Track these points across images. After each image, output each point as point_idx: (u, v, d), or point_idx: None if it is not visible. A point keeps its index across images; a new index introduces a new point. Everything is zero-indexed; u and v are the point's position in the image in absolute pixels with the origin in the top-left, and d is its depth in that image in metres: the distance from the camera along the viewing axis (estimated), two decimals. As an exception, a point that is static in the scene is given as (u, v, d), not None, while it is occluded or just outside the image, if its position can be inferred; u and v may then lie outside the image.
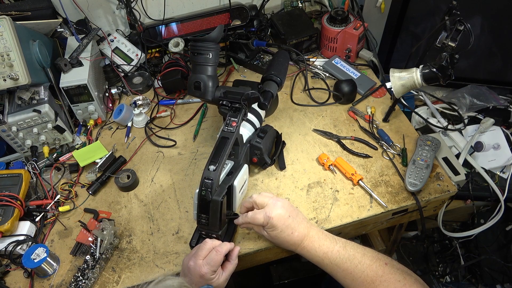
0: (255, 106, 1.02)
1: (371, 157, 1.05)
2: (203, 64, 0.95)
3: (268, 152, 1.01)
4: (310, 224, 0.85)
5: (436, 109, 1.21)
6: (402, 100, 1.17)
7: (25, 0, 1.13)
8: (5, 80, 0.96)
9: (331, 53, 1.32)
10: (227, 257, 0.84)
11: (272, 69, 0.99)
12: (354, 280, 0.77)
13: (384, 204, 0.95)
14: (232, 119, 0.89)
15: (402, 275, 0.76)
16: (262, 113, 1.07)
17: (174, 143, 1.14)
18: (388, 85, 1.20)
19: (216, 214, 0.81)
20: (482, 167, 1.11)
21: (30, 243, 0.94)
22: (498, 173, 1.12)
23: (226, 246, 0.82)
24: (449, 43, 0.90)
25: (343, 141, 1.09)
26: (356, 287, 0.77)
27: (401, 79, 0.99)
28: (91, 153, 1.09)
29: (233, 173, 0.88)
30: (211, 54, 0.94)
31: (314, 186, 1.01)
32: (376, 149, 1.07)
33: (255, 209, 0.85)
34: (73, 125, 1.20)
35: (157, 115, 1.22)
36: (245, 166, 0.92)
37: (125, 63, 1.31)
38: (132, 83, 1.30)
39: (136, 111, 1.20)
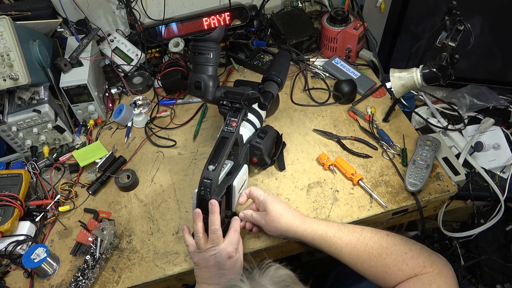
0: (255, 106, 1.02)
1: (371, 157, 1.05)
2: (203, 64, 0.95)
3: (268, 152, 1.01)
4: (306, 215, 0.88)
5: (436, 109, 1.21)
6: (402, 100, 1.17)
7: (25, 0, 1.13)
8: (5, 80, 0.96)
9: (331, 53, 1.32)
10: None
11: (272, 69, 0.99)
12: (360, 255, 0.76)
13: (384, 204, 0.95)
14: (232, 119, 0.89)
15: (408, 246, 0.74)
16: (263, 113, 1.07)
17: (174, 143, 1.14)
18: (388, 85, 1.20)
19: None
20: (482, 167, 1.11)
21: (30, 243, 0.94)
22: (498, 173, 1.12)
23: (237, 221, 0.85)
24: (449, 43, 0.90)
25: (343, 141, 1.09)
26: (363, 263, 0.76)
27: (401, 79, 0.99)
28: (91, 153, 1.09)
29: (232, 173, 0.88)
30: (212, 54, 0.94)
31: (314, 186, 1.01)
32: (376, 149, 1.07)
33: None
34: (73, 125, 1.20)
35: (157, 115, 1.22)
36: (245, 166, 0.92)
37: (125, 63, 1.31)
38: (132, 83, 1.30)
39: (136, 111, 1.20)
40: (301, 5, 1.44)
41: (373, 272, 0.75)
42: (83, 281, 0.88)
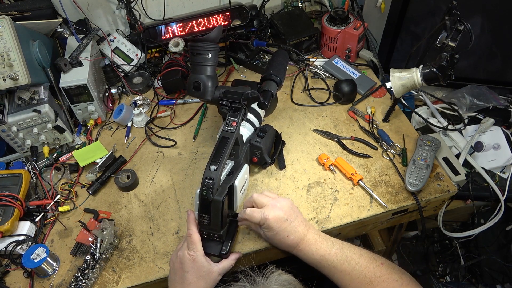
0: (254, 105, 1.02)
1: (371, 157, 1.05)
2: (202, 64, 0.94)
3: (268, 151, 1.01)
4: (309, 227, 0.84)
5: (436, 109, 1.21)
6: (402, 100, 1.17)
7: (25, 0, 1.13)
8: (5, 80, 0.96)
9: (331, 53, 1.32)
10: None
11: (271, 68, 0.99)
12: (352, 281, 0.78)
13: (384, 204, 0.95)
14: (232, 119, 0.89)
15: (399, 275, 0.77)
16: (262, 112, 1.07)
17: (174, 143, 1.14)
18: (388, 85, 1.20)
19: (217, 214, 0.80)
20: (482, 167, 1.11)
21: (30, 243, 0.94)
22: (498, 173, 1.12)
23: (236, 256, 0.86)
24: (449, 43, 0.90)
25: (343, 141, 1.09)
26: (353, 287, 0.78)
27: (401, 79, 0.99)
28: (91, 153, 1.09)
29: (233, 172, 0.88)
30: (210, 54, 0.94)
31: (314, 186, 1.01)
32: (376, 149, 1.07)
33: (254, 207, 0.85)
34: (73, 125, 1.20)
35: (157, 115, 1.22)
36: (246, 166, 0.92)
37: (125, 63, 1.31)
38: (132, 83, 1.30)
39: (136, 111, 1.20)
40: (301, 5, 1.44)
41: None
42: (83, 281, 0.88)
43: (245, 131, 0.99)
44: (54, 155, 1.12)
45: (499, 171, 1.12)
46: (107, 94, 1.26)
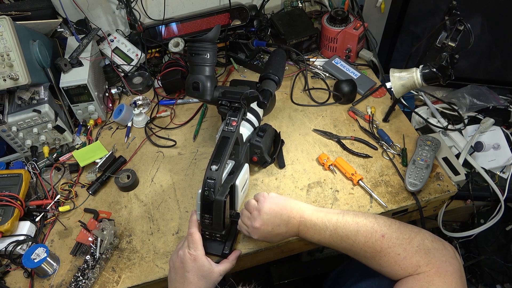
0: (253, 105, 1.02)
1: (371, 157, 1.05)
2: (201, 65, 0.94)
3: (268, 150, 1.01)
4: (300, 214, 0.81)
5: (436, 109, 1.21)
6: (402, 100, 1.17)
7: (25, 0, 1.13)
8: (5, 80, 0.96)
9: (331, 53, 1.32)
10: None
11: (269, 68, 0.99)
12: (356, 255, 0.78)
13: (384, 204, 0.95)
14: (232, 118, 0.89)
15: (402, 247, 0.72)
16: (260, 112, 1.07)
17: (174, 143, 1.14)
18: (388, 85, 1.20)
19: (219, 214, 0.81)
20: (482, 167, 1.11)
21: (30, 243, 0.94)
22: (498, 173, 1.12)
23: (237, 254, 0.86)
24: (449, 43, 0.90)
25: (343, 141, 1.09)
26: (360, 260, 0.78)
27: (401, 79, 0.99)
28: (91, 153, 1.09)
29: (234, 172, 0.88)
30: (208, 54, 0.94)
31: (314, 186, 1.01)
32: (376, 149, 1.07)
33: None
34: (73, 125, 1.20)
35: (157, 115, 1.22)
36: (246, 165, 0.92)
37: (125, 63, 1.31)
38: (132, 83, 1.30)
39: (136, 111, 1.20)
40: (301, 5, 1.44)
41: (371, 266, 0.77)
42: (83, 281, 0.88)
43: (245, 130, 0.99)
44: (54, 155, 1.12)
45: (499, 171, 1.12)
46: (107, 94, 1.26)
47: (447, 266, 0.69)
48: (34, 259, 0.87)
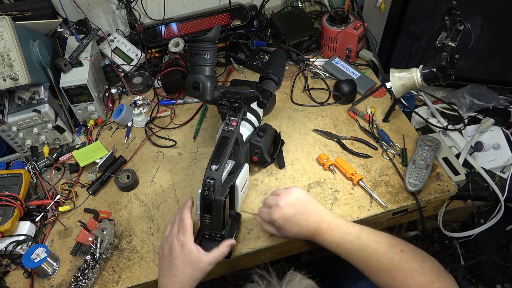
0: (253, 105, 1.02)
1: (371, 157, 1.05)
2: (201, 65, 0.94)
3: (268, 150, 1.01)
4: (323, 214, 0.82)
5: (436, 109, 1.21)
6: (402, 100, 1.17)
7: (25, 0, 1.13)
8: (5, 80, 0.96)
9: (331, 53, 1.32)
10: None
11: (270, 68, 0.99)
12: (369, 267, 0.76)
13: (384, 204, 0.95)
14: (232, 118, 0.89)
15: (419, 264, 0.74)
16: (260, 112, 1.07)
17: (174, 143, 1.14)
18: (388, 85, 1.20)
19: (219, 214, 0.81)
20: (482, 167, 1.11)
21: (30, 243, 0.94)
22: (498, 173, 1.12)
23: (229, 244, 0.84)
24: (449, 43, 0.90)
25: (343, 141, 1.09)
26: (371, 273, 0.76)
27: (401, 79, 0.99)
28: (91, 153, 1.09)
29: (234, 172, 0.88)
30: (208, 54, 0.94)
31: (314, 186, 1.01)
32: (376, 149, 1.07)
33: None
34: (73, 125, 1.20)
35: (157, 115, 1.22)
36: (246, 165, 0.92)
37: (125, 63, 1.31)
38: (132, 83, 1.30)
39: (136, 111, 1.20)
40: (301, 5, 1.44)
41: (380, 281, 0.76)
42: (83, 281, 0.88)
43: (245, 130, 0.99)
44: (54, 155, 1.12)
45: (499, 171, 1.12)
46: (107, 94, 1.26)
47: (453, 286, 0.72)
48: (34, 259, 0.87)
